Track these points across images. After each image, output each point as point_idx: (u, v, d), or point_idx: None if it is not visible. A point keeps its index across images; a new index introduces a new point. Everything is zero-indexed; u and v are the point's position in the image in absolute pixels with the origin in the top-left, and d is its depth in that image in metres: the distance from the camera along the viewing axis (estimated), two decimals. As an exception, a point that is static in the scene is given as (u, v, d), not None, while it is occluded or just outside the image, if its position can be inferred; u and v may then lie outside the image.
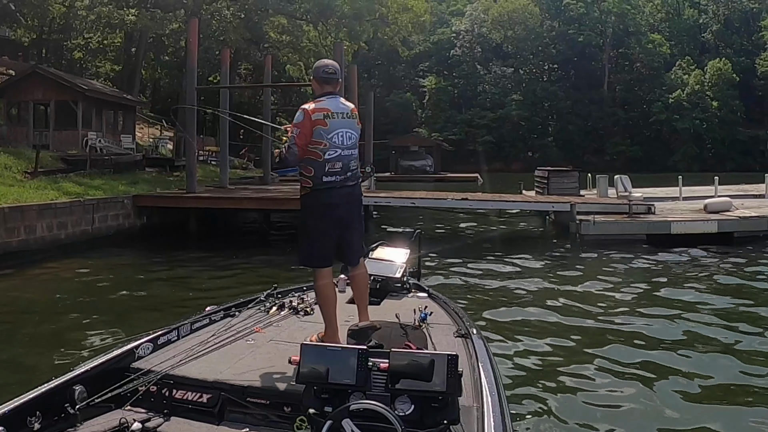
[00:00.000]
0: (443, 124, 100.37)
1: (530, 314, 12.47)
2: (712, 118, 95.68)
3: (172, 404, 4.97)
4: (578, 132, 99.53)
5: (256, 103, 47.38)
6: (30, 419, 4.39)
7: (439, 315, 6.85)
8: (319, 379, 4.24)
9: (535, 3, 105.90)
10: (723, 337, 10.84)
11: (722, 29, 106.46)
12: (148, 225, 24.02)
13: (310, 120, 5.90)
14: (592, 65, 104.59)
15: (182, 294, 15.08)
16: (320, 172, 5.93)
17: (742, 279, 16.17)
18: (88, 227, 21.50)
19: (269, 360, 5.44)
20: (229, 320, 6.58)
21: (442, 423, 4.13)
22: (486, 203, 27.19)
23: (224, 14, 43.66)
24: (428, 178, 66.24)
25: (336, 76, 6.26)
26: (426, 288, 8.13)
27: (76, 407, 4.65)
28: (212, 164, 43.32)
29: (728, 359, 9.67)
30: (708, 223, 22.03)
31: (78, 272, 17.55)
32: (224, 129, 31.52)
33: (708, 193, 27.82)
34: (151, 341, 5.70)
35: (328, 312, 6.01)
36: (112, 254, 20.02)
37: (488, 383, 4.81)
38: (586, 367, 9.25)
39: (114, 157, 32.49)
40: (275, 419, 4.78)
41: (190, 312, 6.85)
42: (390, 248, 8.37)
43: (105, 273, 17.67)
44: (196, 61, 28.38)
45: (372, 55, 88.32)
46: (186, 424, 4.79)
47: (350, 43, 47.08)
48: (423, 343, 5.49)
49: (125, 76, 50.30)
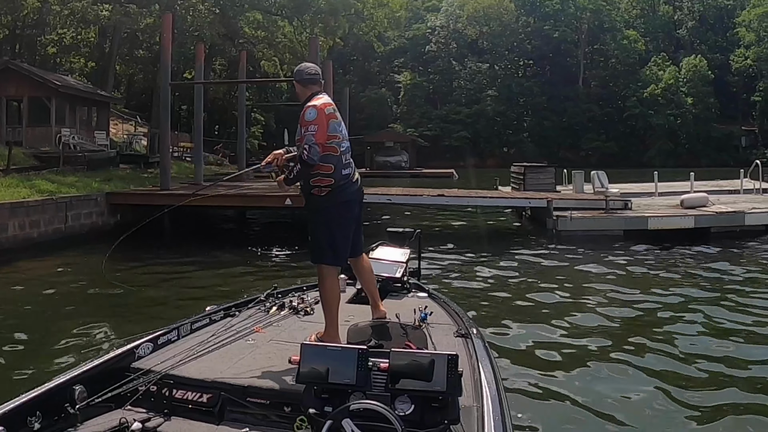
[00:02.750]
0: (418, 119, 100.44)
1: (511, 314, 12.40)
2: (686, 114, 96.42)
3: (172, 404, 4.97)
4: (553, 128, 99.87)
5: (231, 99, 47.30)
6: (30, 419, 4.40)
7: (439, 315, 6.88)
8: (319, 379, 4.27)
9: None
10: (704, 331, 10.99)
11: (697, 26, 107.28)
12: (122, 223, 23.65)
13: (325, 114, 5.91)
14: (567, 61, 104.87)
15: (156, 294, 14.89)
16: (339, 166, 6.00)
17: (720, 274, 16.22)
18: (61, 225, 21.26)
19: (269, 360, 5.46)
20: (229, 320, 6.59)
21: (443, 423, 4.15)
22: (462, 199, 27.11)
23: (199, 9, 43.38)
24: (404, 174, 66.38)
25: (319, 76, 6.26)
26: (426, 288, 8.15)
27: (76, 407, 4.66)
28: (187, 160, 43.07)
29: (710, 353, 9.78)
30: (685, 219, 22.10)
31: (51, 271, 17.32)
32: (198, 125, 31.28)
33: (684, 189, 27.88)
34: (151, 341, 5.71)
35: (334, 311, 6.03)
36: (85, 253, 19.72)
37: (488, 383, 4.82)
38: (585, 367, 9.29)
39: (88, 153, 32.32)
40: (275, 419, 4.78)
41: (164, 313, 6.79)
42: (390, 248, 8.39)
43: (78, 272, 17.47)
44: (170, 57, 28.18)
45: (347, 50, 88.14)
46: (186, 424, 4.80)
47: (325, 38, 46.94)
48: (423, 343, 5.53)
49: (99, 72, 50.01)
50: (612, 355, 9.73)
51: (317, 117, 5.82)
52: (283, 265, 18.50)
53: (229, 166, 48.13)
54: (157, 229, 23.89)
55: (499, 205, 28.99)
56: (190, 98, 34.03)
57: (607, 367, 9.23)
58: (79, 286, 15.75)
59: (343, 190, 6.02)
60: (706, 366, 9.22)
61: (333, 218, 6.02)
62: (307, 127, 5.79)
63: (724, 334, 10.76)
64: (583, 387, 8.49)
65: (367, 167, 69.61)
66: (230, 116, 49.43)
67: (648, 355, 9.68)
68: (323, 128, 5.82)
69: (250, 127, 58.78)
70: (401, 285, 7.96)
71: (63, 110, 36.32)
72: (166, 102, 27.76)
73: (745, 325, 11.35)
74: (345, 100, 43.88)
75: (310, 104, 5.95)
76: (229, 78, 58.11)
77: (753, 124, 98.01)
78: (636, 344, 10.24)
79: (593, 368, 9.21)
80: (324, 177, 5.92)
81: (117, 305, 13.42)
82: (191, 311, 7.07)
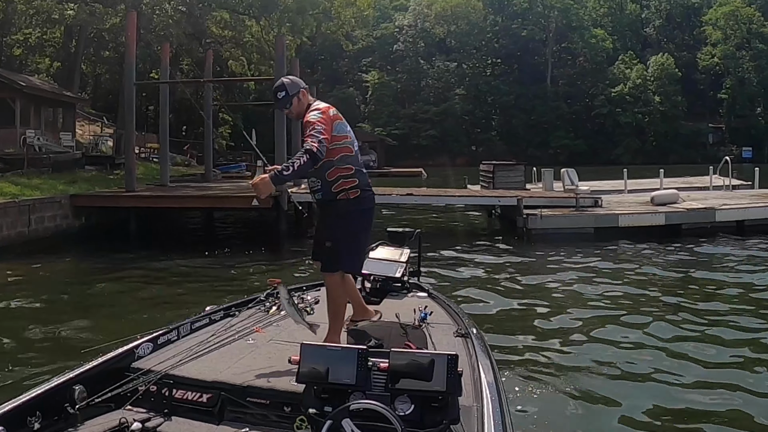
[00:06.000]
0: (387, 119, 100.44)
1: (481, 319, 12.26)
2: (654, 111, 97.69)
3: (172, 404, 4.98)
4: (522, 126, 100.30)
5: (199, 100, 47.00)
6: (30, 419, 4.40)
7: (439, 315, 6.88)
8: (319, 379, 4.28)
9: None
10: (680, 330, 11.10)
11: (664, 24, 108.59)
12: (87, 225, 23.46)
13: (329, 115, 5.80)
14: (535, 60, 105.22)
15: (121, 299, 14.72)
16: (357, 165, 5.96)
17: (693, 271, 16.41)
18: (24, 229, 20.90)
19: (269, 360, 5.45)
20: (229, 320, 6.58)
21: (442, 423, 4.14)
22: (431, 198, 27.05)
23: (165, 8, 43.07)
24: (372, 173, 65.89)
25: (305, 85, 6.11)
26: (426, 287, 8.14)
27: (76, 407, 4.65)
28: (154, 161, 42.71)
29: (690, 354, 9.85)
30: (656, 216, 22.20)
31: (12, 277, 16.94)
32: (164, 125, 30.96)
33: (653, 186, 28.07)
34: (151, 341, 5.71)
35: (341, 319, 6.01)
36: (49, 256, 19.46)
37: (488, 383, 4.79)
38: (584, 367, 9.38)
39: (53, 155, 31.93)
40: (275, 419, 4.78)
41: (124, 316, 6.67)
42: (390, 248, 8.38)
43: (41, 276, 17.24)
44: (134, 56, 27.97)
45: (315, 50, 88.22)
46: (186, 424, 4.80)
47: (293, 37, 46.80)
48: (423, 342, 5.47)
49: (65, 72, 49.58)
50: (610, 355, 9.84)
51: (322, 116, 5.66)
52: (245, 267, 18.32)
53: (196, 166, 47.80)
54: (124, 231, 23.72)
55: (469, 203, 28.89)
56: (158, 99, 33.72)
57: (609, 368, 9.32)
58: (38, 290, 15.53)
59: (369, 196, 6.01)
60: (694, 364, 9.36)
61: (359, 224, 5.99)
62: (313, 126, 5.59)
63: (704, 335, 10.83)
64: (585, 387, 8.55)
65: (335, 167, 69.45)
66: (198, 117, 49.10)
67: (644, 357, 9.77)
68: (328, 128, 5.64)
69: (218, 127, 58.52)
70: (401, 285, 7.95)
71: (28, 111, 35.81)
72: (131, 102, 27.53)
73: (719, 319, 11.64)
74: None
75: (312, 109, 5.81)
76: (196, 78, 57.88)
77: (720, 121, 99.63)
78: (630, 344, 10.38)
79: (596, 369, 9.29)
80: (346, 179, 5.82)
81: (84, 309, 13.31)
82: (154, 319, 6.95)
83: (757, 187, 29.90)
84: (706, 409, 7.89)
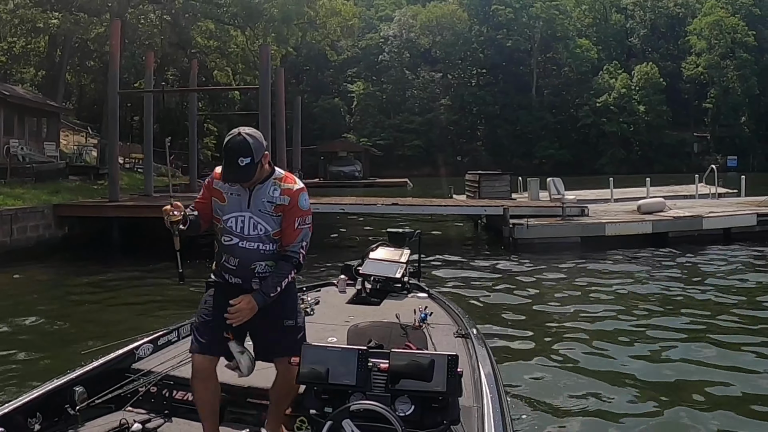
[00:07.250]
0: (372, 129, 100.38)
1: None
2: (639, 121, 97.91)
3: (172, 405, 5.10)
4: (507, 136, 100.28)
5: (184, 110, 46.86)
6: (30, 420, 4.47)
7: (439, 315, 6.99)
8: (319, 380, 4.30)
9: (464, 8, 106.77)
10: (669, 333, 11.30)
11: (649, 34, 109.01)
12: (70, 235, 23.29)
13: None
14: (520, 70, 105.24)
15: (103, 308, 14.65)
16: None
17: (681, 278, 16.59)
18: (6, 239, 20.75)
19: None
20: None
21: (443, 423, 4.20)
22: (416, 208, 26.93)
23: (150, 18, 42.97)
24: (357, 183, 66.18)
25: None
26: (426, 288, 8.24)
27: (76, 408, 4.75)
28: (139, 172, 42.48)
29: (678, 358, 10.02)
30: (642, 224, 22.27)
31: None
32: (148, 135, 30.76)
33: (639, 195, 28.12)
34: (151, 342, 5.82)
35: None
36: (31, 266, 19.32)
37: (488, 383, 4.91)
38: (583, 368, 9.49)
39: (36, 165, 31.77)
40: None
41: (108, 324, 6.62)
42: (390, 248, 8.48)
43: (23, 287, 17.08)
44: (119, 65, 27.84)
45: (300, 60, 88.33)
46: (186, 425, 4.90)
47: (278, 47, 46.69)
48: (423, 343, 5.57)
49: (49, 82, 49.40)
50: (606, 357, 10.03)
51: (309, 207, 4.69)
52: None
53: (181, 176, 47.58)
54: (108, 241, 23.56)
55: (455, 213, 28.76)
56: (143, 109, 33.58)
57: (607, 369, 9.49)
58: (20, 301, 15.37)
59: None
60: (686, 365, 9.60)
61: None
62: (304, 218, 4.61)
63: (700, 339, 11.01)
64: (585, 387, 8.66)
65: (320, 177, 69.30)
66: (183, 127, 48.95)
67: (638, 360, 9.94)
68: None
69: (203, 137, 58.33)
70: (401, 285, 8.03)
71: (11, 121, 35.64)
72: (115, 111, 27.40)
73: (710, 323, 11.94)
74: (297, 109, 43.74)
75: (297, 186, 4.63)
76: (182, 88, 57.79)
77: (705, 130, 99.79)
78: (623, 347, 10.56)
79: (595, 369, 9.42)
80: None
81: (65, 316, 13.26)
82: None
83: (743, 195, 29.98)
84: (705, 409, 7.97)
